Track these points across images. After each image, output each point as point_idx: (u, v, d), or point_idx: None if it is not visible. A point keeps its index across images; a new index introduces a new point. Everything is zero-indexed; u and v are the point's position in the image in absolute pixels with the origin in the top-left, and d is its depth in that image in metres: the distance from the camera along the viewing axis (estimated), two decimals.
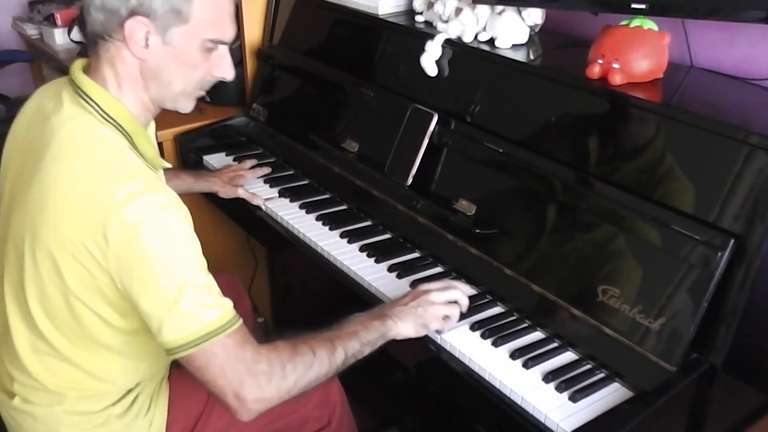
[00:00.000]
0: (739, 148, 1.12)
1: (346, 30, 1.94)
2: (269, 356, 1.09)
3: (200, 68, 1.18)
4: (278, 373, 1.09)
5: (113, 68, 1.15)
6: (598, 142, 1.33)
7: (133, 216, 1.03)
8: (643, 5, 1.31)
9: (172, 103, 1.21)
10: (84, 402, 1.23)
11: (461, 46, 1.60)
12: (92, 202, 1.05)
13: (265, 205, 1.72)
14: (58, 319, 1.16)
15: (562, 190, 1.32)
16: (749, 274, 1.09)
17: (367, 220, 1.65)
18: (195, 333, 1.05)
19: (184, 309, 1.05)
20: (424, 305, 1.25)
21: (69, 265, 1.09)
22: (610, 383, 1.17)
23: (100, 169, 1.07)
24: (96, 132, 1.11)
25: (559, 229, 1.32)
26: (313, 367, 1.13)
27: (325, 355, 1.14)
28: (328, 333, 1.18)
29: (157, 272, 1.05)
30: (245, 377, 1.07)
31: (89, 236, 1.05)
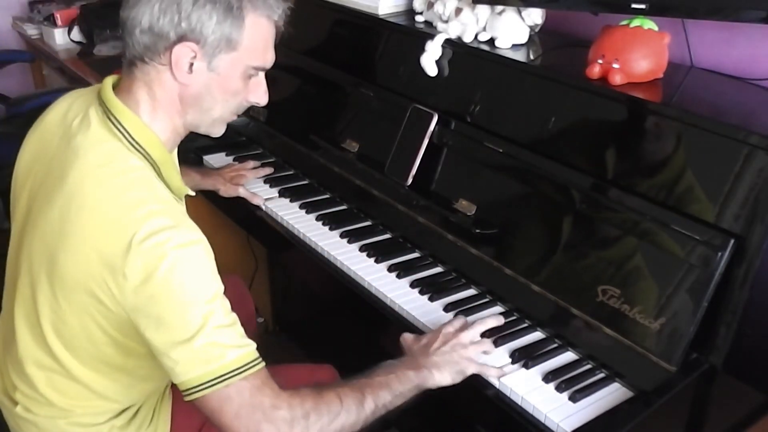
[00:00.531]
0: (739, 148, 1.12)
1: (346, 30, 1.94)
2: (291, 402, 1.04)
3: (240, 95, 1.16)
4: (300, 423, 1.03)
5: (150, 91, 1.11)
6: (597, 143, 1.33)
7: (154, 252, 0.99)
8: (643, 5, 1.31)
9: (206, 128, 1.19)
10: (88, 417, 1.21)
11: (461, 46, 1.60)
12: (113, 235, 1.01)
13: (265, 204, 1.72)
14: (71, 342, 1.13)
15: (562, 191, 1.32)
16: (749, 274, 1.09)
17: (367, 220, 1.65)
18: (208, 374, 1.01)
19: (198, 348, 1.01)
20: (457, 350, 1.20)
21: (86, 295, 1.06)
22: (610, 383, 1.17)
23: (126, 202, 1.04)
24: (124, 162, 1.08)
25: (559, 229, 1.32)
26: (340, 417, 1.07)
27: (353, 404, 1.09)
28: (357, 381, 1.13)
29: (173, 309, 1.01)
30: (263, 424, 1.02)
31: (109, 271, 1.02)
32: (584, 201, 1.28)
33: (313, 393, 1.07)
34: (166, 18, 1.06)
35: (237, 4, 1.08)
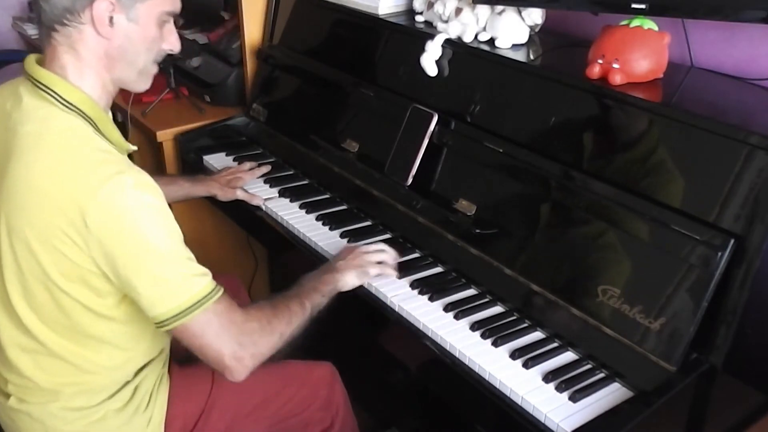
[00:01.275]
0: (739, 148, 1.12)
1: (346, 30, 1.94)
2: (256, 315, 1.19)
3: (158, 42, 1.21)
4: (267, 329, 1.19)
5: (75, 53, 1.15)
6: (598, 142, 1.33)
7: (110, 198, 1.05)
8: (643, 5, 1.31)
9: (134, 83, 1.23)
10: (80, 397, 1.23)
11: (461, 46, 1.60)
12: (67, 190, 1.06)
13: (265, 204, 1.71)
14: (44, 314, 1.16)
15: (562, 190, 1.32)
16: (749, 274, 1.09)
17: (367, 220, 1.65)
18: (187, 302, 1.10)
19: (173, 280, 1.10)
20: (359, 256, 1.41)
21: (50, 256, 1.10)
22: (610, 383, 1.17)
23: (71, 158, 1.09)
24: (61, 122, 1.12)
25: (559, 228, 1.32)
26: (292, 321, 1.24)
27: (298, 309, 1.26)
28: (294, 291, 1.31)
29: (142, 249, 1.08)
30: (240, 337, 1.15)
31: (68, 224, 1.06)
32: (584, 201, 1.28)
33: (269, 305, 1.24)
34: None
35: None
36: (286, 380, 1.45)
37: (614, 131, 1.31)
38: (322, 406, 1.48)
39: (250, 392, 1.39)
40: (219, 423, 1.36)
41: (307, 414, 1.46)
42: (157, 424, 1.31)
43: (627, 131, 1.29)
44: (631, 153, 1.27)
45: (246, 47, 2.13)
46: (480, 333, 1.27)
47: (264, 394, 1.41)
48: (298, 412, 1.44)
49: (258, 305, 1.23)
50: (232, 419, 1.37)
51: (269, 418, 1.41)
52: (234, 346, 1.14)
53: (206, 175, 1.83)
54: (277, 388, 1.43)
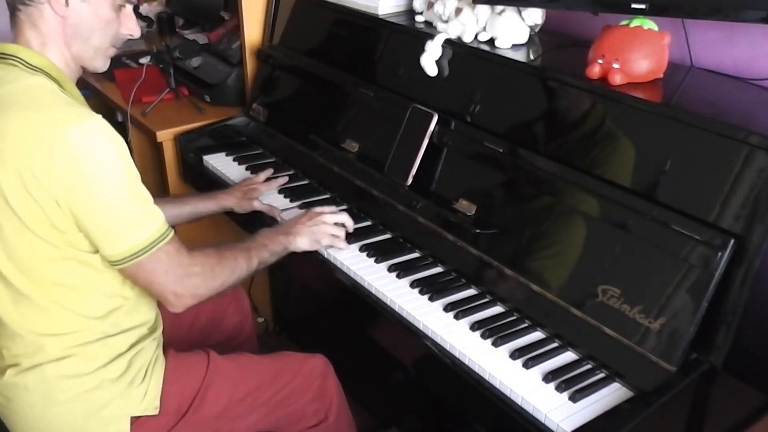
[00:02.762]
0: (739, 148, 1.12)
1: (346, 30, 1.94)
2: (202, 261, 1.29)
3: (113, 24, 1.29)
4: (209, 275, 1.29)
5: (36, 29, 1.24)
6: (598, 143, 1.33)
7: (78, 136, 1.13)
8: (643, 5, 1.31)
9: (91, 61, 1.31)
10: (70, 361, 1.25)
11: (461, 46, 1.60)
12: (39, 131, 1.14)
13: (281, 217, 1.67)
14: (21, 262, 1.21)
15: (562, 190, 1.32)
16: (749, 274, 1.09)
17: (367, 220, 1.65)
18: (143, 241, 1.19)
19: (130, 220, 1.18)
20: (318, 224, 1.50)
21: (20, 198, 1.15)
22: (610, 383, 1.17)
23: (40, 106, 1.17)
24: (28, 80, 1.21)
25: (558, 228, 1.32)
26: (235, 272, 1.35)
27: (243, 261, 1.37)
28: (243, 244, 1.41)
29: (104, 187, 1.16)
30: (183, 278, 1.26)
31: (38, 163, 1.12)
32: (584, 201, 1.28)
33: (216, 252, 1.33)
34: None
35: None
36: (280, 369, 1.48)
37: (614, 131, 1.31)
38: (315, 397, 1.49)
39: (245, 378, 1.42)
40: (214, 406, 1.38)
41: (300, 404, 1.47)
42: (153, 399, 1.32)
43: (627, 131, 1.29)
44: (631, 153, 1.27)
45: (246, 47, 2.13)
46: (480, 333, 1.27)
47: (258, 381, 1.43)
48: (291, 402, 1.46)
49: (205, 251, 1.31)
50: (226, 403, 1.39)
51: (263, 405, 1.43)
52: (177, 286, 1.25)
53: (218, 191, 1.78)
54: (271, 375, 1.46)
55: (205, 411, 1.37)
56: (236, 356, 1.47)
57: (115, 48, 1.34)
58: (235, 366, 1.43)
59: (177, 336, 1.55)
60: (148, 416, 1.31)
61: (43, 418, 1.27)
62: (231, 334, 1.72)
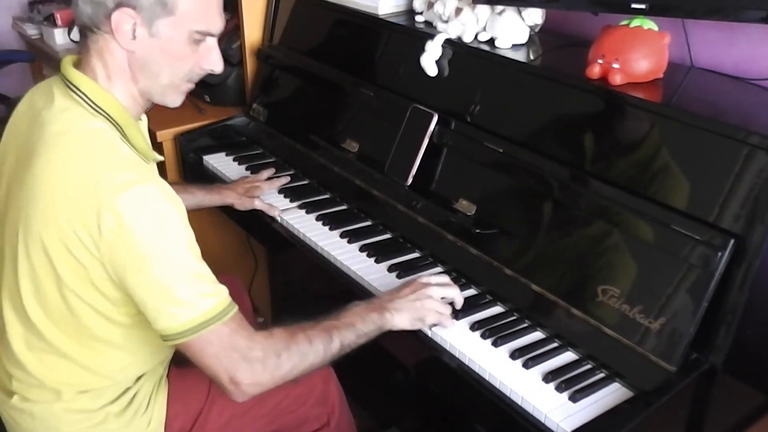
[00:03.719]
0: (739, 148, 1.12)
1: (346, 30, 1.94)
2: (264, 343, 1.13)
3: (188, 60, 1.18)
4: (273, 360, 1.13)
5: (102, 60, 1.15)
6: (598, 142, 1.33)
7: (127, 206, 1.04)
8: (643, 5, 1.31)
9: (160, 96, 1.21)
10: (82, 398, 1.23)
11: (461, 46, 1.60)
12: (85, 192, 1.05)
13: (281, 216, 1.68)
14: (54, 314, 1.16)
15: (562, 190, 1.32)
16: (749, 274, 1.09)
17: (367, 220, 1.65)
18: (191, 322, 1.08)
19: (180, 298, 1.07)
20: (422, 299, 1.27)
21: (62, 257, 1.09)
22: (610, 383, 1.17)
23: (92, 160, 1.08)
24: (87, 124, 1.12)
25: (559, 228, 1.32)
26: (309, 356, 1.16)
27: (320, 344, 1.17)
28: (325, 322, 1.21)
29: (152, 262, 1.06)
30: (240, 363, 1.10)
31: (82, 226, 1.05)
32: (584, 200, 1.28)
33: (285, 334, 1.16)
34: None
35: None
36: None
37: (614, 131, 1.31)
38: (317, 402, 1.48)
39: None
40: (217, 421, 1.37)
41: (303, 410, 1.47)
42: (157, 425, 1.31)
43: (627, 131, 1.29)
44: (631, 153, 1.27)
45: (246, 47, 2.13)
46: (480, 333, 1.27)
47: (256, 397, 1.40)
48: (294, 409, 1.45)
49: (272, 332, 1.16)
50: (229, 417, 1.38)
51: (266, 415, 1.42)
52: (232, 371, 1.10)
53: (221, 184, 1.80)
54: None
55: (208, 427, 1.36)
56: None
57: (193, 83, 1.23)
58: None
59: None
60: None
61: None
62: None
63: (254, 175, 1.84)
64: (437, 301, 1.28)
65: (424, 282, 1.30)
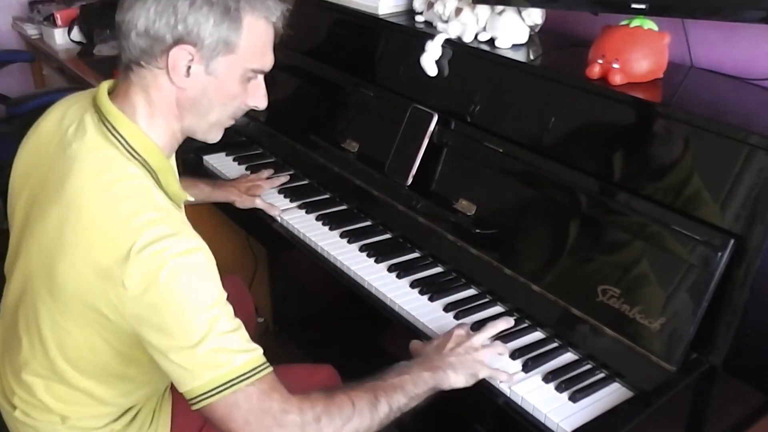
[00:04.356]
0: (739, 148, 1.12)
1: (346, 30, 1.94)
2: (301, 406, 1.03)
3: (238, 98, 1.15)
4: (312, 426, 1.02)
5: (147, 96, 1.09)
6: (597, 143, 1.33)
7: (153, 260, 0.97)
8: (643, 5, 1.31)
9: (204, 134, 1.17)
10: (86, 421, 1.21)
11: (461, 46, 1.60)
12: (113, 246, 0.99)
13: (281, 216, 1.68)
14: (74, 354, 1.12)
15: (562, 190, 1.32)
16: (749, 274, 1.09)
17: (367, 220, 1.65)
18: (214, 380, 0.99)
19: (203, 355, 0.99)
20: (470, 352, 1.19)
21: (88, 309, 1.04)
22: (610, 383, 1.17)
23: (123, 212, 1.01)
24: (121, 170, 1.05)
25: (558, 229, 1.32)
26: (352, 421, 1.05)
27: (366, 407, 1.07)
28: (371, 383, 1.11)
29: (175, 318, 0.99)
30: (273, 429, 1.00)
31: (108, 281, 1.00)
32: (584, 201, 1.28)
33: (324, 396, 1.05)
34: (162, 20, 1.03)
35: (234, 6, 1.05)
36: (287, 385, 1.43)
37: (614, 132, 1.31)
38: None
39: None
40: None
41: None
42: None
43: (627, 131, 1.29)
44: (631, 153, 1.27)
45: None
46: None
47: None
48: None
49: (311, 396, 1.05)
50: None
51: None
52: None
53: (225, 181, 1.80)
54: None
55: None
56: None
57: (235, 120, 1.19)
58: None
59: None
60: None
61: None
62: None
63: (254, 174, 1.84)
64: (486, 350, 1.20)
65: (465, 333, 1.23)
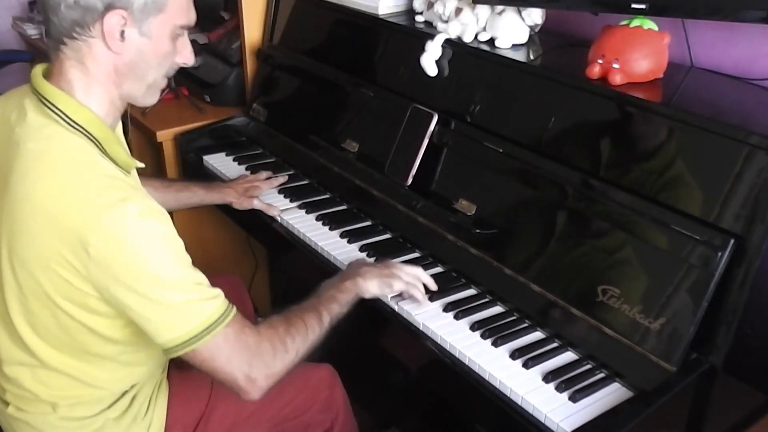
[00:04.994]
0: (739, 148, 1.12)
1: (346, 30, 1.94)
2: (268, 335, 1.15)
3: (170, 56, 1.17)
4: (281, 349, 1.15)
5: (83, 68, 1.11)
6: (597, 143, 1.33)
7: (112, 226, 1.02)
8: (643, 5, 1.31)
9: (143, 97, 1.19)
10: (78, 408, 1.22)
11: (461, 46, 1.60)
12: (69, 216, 1.03)
13: (281, 216, 1.68)
14: (45, 333, 1.14)
15: (562, 190, 1.32)
16: (749, 274, 1.09)
17: (367, 220, 1.65)
18: (194, 329, 1.07)
19: (178, 308, 1.06)
20: (390, 268, 1.36)
21: (51, 278, 1.07)
22: (610, 383, 1.17)
23: (74, 183, 1.05)
24: (65, 142, 1.09)
25: (558, 228, 1.32)
26: (308, 337, 1.20)
27: (315, 323, 1.22)
28: (311, 301, 1.27)
29: (144, 278, 1.04)
30: (252, 359, 1.12)
31: (70, 251, 1.03)
32: (584, 201, 1.28)
33: (283, 321, 1.20)
34: None
35: None
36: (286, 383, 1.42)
37: (614, 132, 1.31)
38: (322, 409, 1.47)
39: None
40: (219, 427, 1.35)
41: (307, 416, 1.46)
42: (157, 429, 1.30)
43: (627, 132, 1.29)
44: (631, 153, 1.27)
45: (246, 47, 2.13)
46: (480, 333, 1.27)
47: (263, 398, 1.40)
48: (297, 415, 1.44)
49: (271, 322, 1.19)
50: (232, 423, 1.36)
51: (269, 420, 1.41)
52: (246, 369, 1.11)
53: (221, 183, 1.79)
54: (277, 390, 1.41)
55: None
56: None
57: (167, 81, 1.23)
58: None
59: None
60: None
61: None
62: None
63: (253, 174, 1.83)
64: (405, 273, 1.35)
65: (393, 262, 1.39)
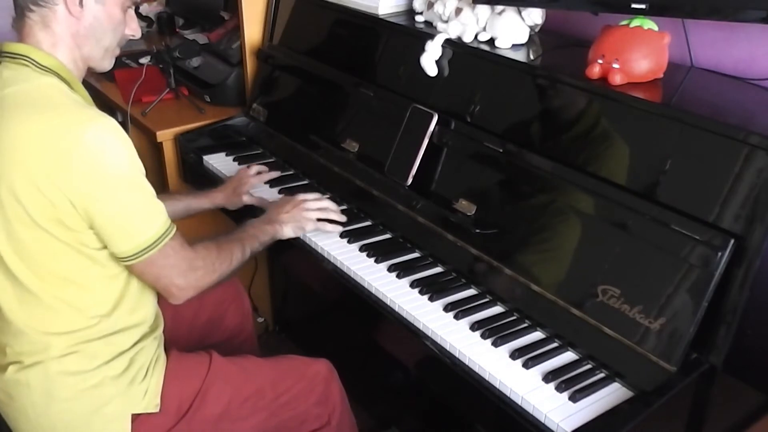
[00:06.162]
0: (739, 148, 1.12)
1: (346, 30, 1.94)
2: (203, 253, 1.35)
3: (122, 25, 1.33)
4: (210, 267, 1.35)
5: (49, 29, 1.25)
6: (598, 143, 1.33)
7: (95, 139, 1.16)
8: (643, 5, 1.31)
9: (100, 61, 1.34)
10: (74, 358, 1.26)
11: (461, 46, 1.60)
12: (52, 134, 1.15)
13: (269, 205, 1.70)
14: (29, 258, 1.22)
15: (562, 190, 1.32)
16: (749, 274, 1.09)
17: (367, 220, 1.65)
18: (153, 236, 1.23)
19: (142, 216, 1.22)
20: (301, 211, 1.56)
21: (33, 197, 1.16)
22: (610, 383, 1.17)
23: (54, 107, 1.19)
24: (37, 80, 1.23)
25: (558, 229, 1.32)
26: (232, 263, 1.41)
27: (239, 253, 1.43)
28: (236, 235, 1.47)
29: (120, 187, 1.19)
30: (188, 271, 1.31)
31: (54, 165, 1.14)
32: (584, 201, 1.28)
33: (215, 245, 1.39)
34: None
35: None
36: (283, 372, 1.48)
37: (614, 132, 1.31)
38: (318, 402, 1.49)
39: (246, 380, 1.43)
40: (215, 407, 1.38)
41: (303, 409, 1.47)
42: (153, 397, 1.33)
43: (627, 132, 1.29)
44: (631, 153, 1.27)
45: (246, 47, 2.13)
46: (480, 333, 1.27)
47: (260, 384, 1.44)
48: (294, 406, 1.46)
49: (205, 245, 1.37)
50: (227, 404, 1.39)
51: (265, 408, 1.43)
52: (182, 279, 1.29)
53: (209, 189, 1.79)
54: (273, 378, 1.46)
55: (205, 412, 1.37)
56: (238, 359, 1.47)
57: (119, 49, 1.38)
58: (236, 368, 1.43)
59: (178, 336, 1.56)
60: (148, 414, 1.32)
61: (45, 415, 1.28)
62: (232, 334, 1.72)
63: (242, 167, 1.84)
64: (313, 211, 1.57)
65: (300, 198, 1.59)
